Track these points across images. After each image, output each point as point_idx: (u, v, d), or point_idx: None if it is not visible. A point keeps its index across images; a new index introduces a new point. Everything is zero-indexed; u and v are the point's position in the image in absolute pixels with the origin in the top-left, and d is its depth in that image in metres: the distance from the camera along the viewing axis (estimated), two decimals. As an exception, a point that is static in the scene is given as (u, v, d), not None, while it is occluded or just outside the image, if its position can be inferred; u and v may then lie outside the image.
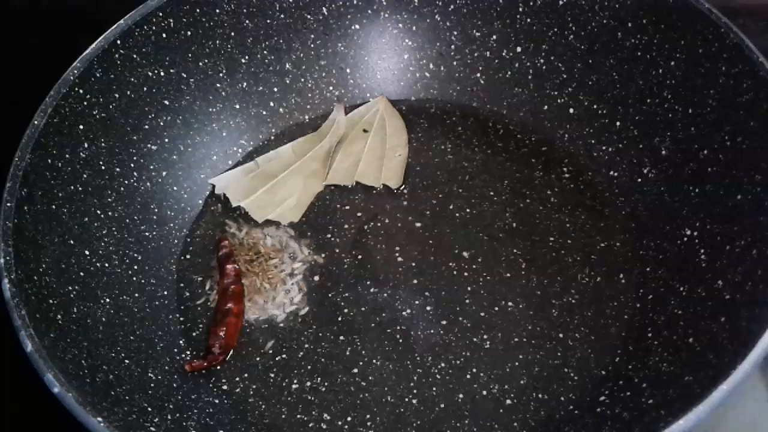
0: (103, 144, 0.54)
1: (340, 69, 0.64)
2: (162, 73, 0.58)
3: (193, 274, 0.56)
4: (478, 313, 0.52)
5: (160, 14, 0.56)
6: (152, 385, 0.48)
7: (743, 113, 0.49)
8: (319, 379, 0.50)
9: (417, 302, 0.53)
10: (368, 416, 0.48)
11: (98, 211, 0.53)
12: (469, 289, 0.53)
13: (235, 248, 0.56)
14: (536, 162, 0.60)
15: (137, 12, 0.55)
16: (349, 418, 0.48)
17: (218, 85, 0.61)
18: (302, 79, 0.64)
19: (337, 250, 0.56)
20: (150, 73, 0.57)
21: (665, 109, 0.55)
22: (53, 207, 0.50)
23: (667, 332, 0.48)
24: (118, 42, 0.54)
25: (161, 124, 0.58)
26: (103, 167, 0.54)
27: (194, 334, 0.52)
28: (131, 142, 0.56)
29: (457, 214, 0.57)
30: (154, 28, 0.56)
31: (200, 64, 0.60)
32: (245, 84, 0.62)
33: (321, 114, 0.64)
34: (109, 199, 0.54)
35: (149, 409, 0.45)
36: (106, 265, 0.52)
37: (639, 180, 0.56)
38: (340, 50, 0.64)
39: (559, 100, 0.61)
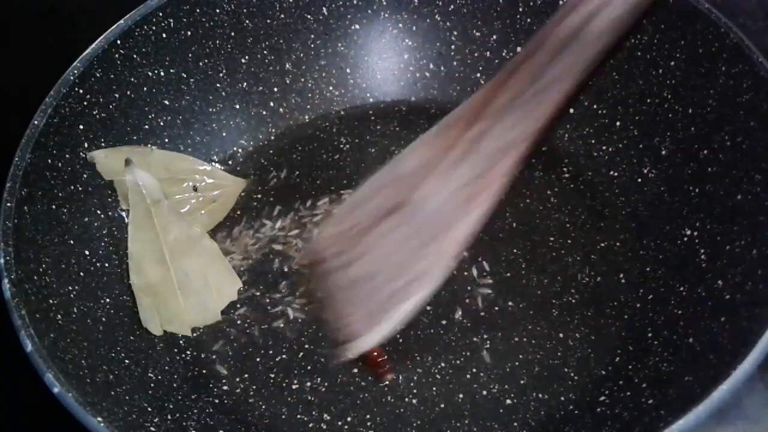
0: (103, 144, 0.54)
1: (340, 69, 0.64)
2: (162, 73, 0.58)
3: (193, 274, 0.56)
4: (478, 313, 0.52)
5: (160, 14, 0.56)
6: (152, 385, 0.48)
7: (743, 113, 0.49)
8: (319, 379, 0.50)
9: (417, 302, 0.53)
10: (368, 416, 0.48)
11: (98, 211, 0.53)
12: (469, 288, 0.53)
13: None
14: (536, 162, 0.60)
15: (137, 12, 0.55)
16: (349, 418, 0.48)
17: (218, 85, 0.61)
18: (302, 79, 0.64)
19: (337, 250, 0.56)
20: (150, 73, 0.57)
21: (665, 109, 0.55)
22: (53, 207, 0.50)
23: (667, 332, 0.48)
24: (118, 42, 0.54)
25: (161, 124, 0.58)
26: (103, 167, 0.54)
27: (194, 334, 0.52)
28: (131, 142, 0.56)
29: (457, 214, 0.57)
30: (154, 28, 0.56)
31: (200, 64, 0.60)
32: (245, 84, 0.62)
33: (321, 114, 0.64)
34: (109, 199, 0.54)
35: (149, 409, 0.45)
36: (106, 265, 0.52)
37: (639, 180, 0.56)
38: (340, 50, 0.64)
39: (559, 100, 0.61)
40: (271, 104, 0.63)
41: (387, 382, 0.48)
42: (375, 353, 0.48)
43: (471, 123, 0.40)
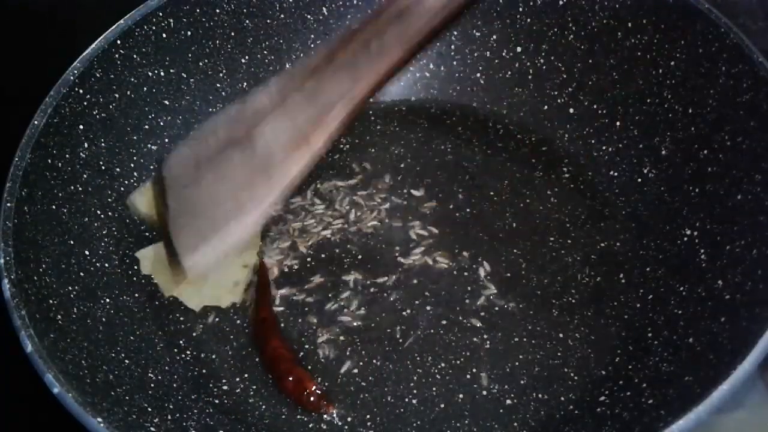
0: (103, 144, 0.54)
1: (340, 69, 0.64)
2: (162, 73, 0.58)
3: (193, 274, 0.56)
4: (478, 312, 0.52)
5: (160, 14, 0.56)
6: (152, 385, 0.48)
7: (743, 113, 0.49)
8: (319, 379, 0.50)
9: (417, 302, 0.53)
10: (368, 416, 0.48)
11: (98, 211, 0.53)
12: (469, 288, 0.53)
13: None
14: (536, 162, 0.60)
15: (137, 12, 0.55)
16: (349, 419, 0.48)
17: (218, 85, 0.61)
18: (302, 79, 0.64)
19: (337, 251, 0.56)
20: (150, 73, 0.57)
21: (665, 109, 0.55)
22: (53, 207, 0.50)
23: (667, 332, 0.48)
24: (118, 42, 0.54)
25: (161, 124, 0.58)
26: (103, 167, 0.54)
27: (194, 334, 0.52)
28: (131, 142, 0.56)
29: (457, 214, 0.57)
30: (154, 28, 0.56)
31: (200, 64, 0.60)
32: (245, 84, 0.62)
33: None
34: (109, 199, 0.54)
35: (149, 409, 0.45)
36: (106, 265, 0.52)
37: (639, 180, 0.56)
38: (340, 50, 0.64)
39: (559, 100, 0.61)
40: (271, 104, 0.63)
41: (330, 417, 0.48)
42: (306, 392, 0.48)
43: (311, 75, 0.45)
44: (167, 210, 0.50)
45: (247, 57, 0.62)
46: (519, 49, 0.62)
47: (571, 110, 0.60)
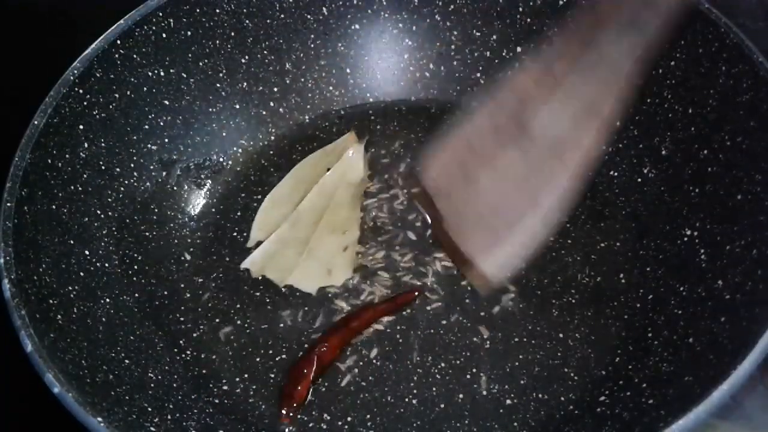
0: (103, 144, 0.54)
1: (340, 69, 0.64)
2: (162, 73, 0.58)
3: (194, 274, 0.56)
4: (478, 313, 0.52)
5: (160, 14, 0.56)
6: (152, 385, 0.47)
7: (743, 113, 0.49)
8: (319, 379, 0.50)
9: (417, 302, 0.53)
10: (368, 416, 0.48)
11: (98, 211, 0.53)
12: (469, 289, 0.53)
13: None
14: (536, 162, 0.60)
15: (137, 12, 0.55)
16: (349, 418, 0.48)
17: (218, 85, 0.61)
18: (302, 79, 0.64)
19: (337, 250, 0.56)
20: (150, 73, 0.57)
21: (665, 109, 0.55)
22: (53, 207, 0.50)
23: (667, 332, 0.48)
24: (118, 42, 0.54)
25: (161, 124, 0.58)
26: (103, 167, 0.54)
27: (194, 334, 0.52)
28: (131, 142, 0.56)
29: (457, 214, 0.57)
30: (154, 28, 0.56)
31: (200, 64, 0.60)
32: (245, 84, 0.62)
33: (321, 114, 0.64)
34: (109, 199, 0.54)
35: (149, 409, 0.45)
36: (106, 265, 0.52)
37: (639, 180, 0.56)
38: (340, 50, 0.64)
39: (559, 100, 0.61)
40: (271, 104, 0.63)
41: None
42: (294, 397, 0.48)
43: (580, 50, 0.42)
44: (443, 219, 0.48)
45: (247, 57, 0.62)
46: (519, 49, 0.62)
47: (571, 110, 0.60)
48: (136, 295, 0.52)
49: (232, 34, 0.60)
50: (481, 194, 0.46)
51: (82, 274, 0.49)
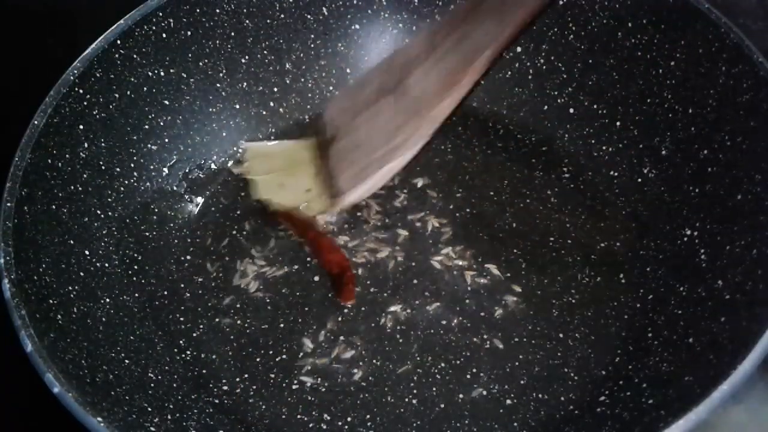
0: (103, 144, 0.54)
1: (340, 69, 0.64)
2: (162, 73, 0.58)
3: (194, 274, 0.56)
4: (478, 313, 0.52)
5: (160, 14, 0.56)
6: (152, 385, 0.48)
7: (743, 113, 0.49)
8: (319, 379, 0.50)
9: (417, 302, 0.53)
10: (368, 416, 0.48)
11: (98, 211, 0.53)
12: (469, 289, 0.53)
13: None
14: (536, 162, 0.60)
15: (137, 12, 0.55)
16: (349, 418, 0.48)
17: (218, 85, 0.61)
18: (302, 79, 0.64)
19: (337, 250, 0.56)
20: (150, 73, 0.57)
21: (665, 109, 0.55)
22: (53, 207, 0.50)
23: (667, 332, 0.48)
24: (118, 42, 0.54)
25: (161, 124, 0.58)
26: (103, 167, 0.54)
27: (194, 334, 0.52)
28: (131, 142, 0.56)
29: (457, 214, 0.57)
30: (154, 28, 0.56)
31: (200, 64, 0.60)
32: (245, 84, 0.62)
33: (321, 114, 0.64)
34: (109, 199, 0.54)
35: (149, 409, 0.45)
36: (106, 265, 0.52)
37: (639, 180, 0.56)
38: (340, 50, 0.64)
39: (559, 100, 0.61)
40: (271, 104, 0.63)
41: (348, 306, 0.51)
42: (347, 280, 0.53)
43: (460, 22, 0.48)
44: (330, 154, 0.56)
45: (247, 57, 0.62)
46: (519, 49, 0.62)
47: (571, 110, 0.60)
48: (136, 295, 0.52)
49: (232, 34, 0.60)
50: (361, 138, 0.54)
51: (82, 274, 0.49)
